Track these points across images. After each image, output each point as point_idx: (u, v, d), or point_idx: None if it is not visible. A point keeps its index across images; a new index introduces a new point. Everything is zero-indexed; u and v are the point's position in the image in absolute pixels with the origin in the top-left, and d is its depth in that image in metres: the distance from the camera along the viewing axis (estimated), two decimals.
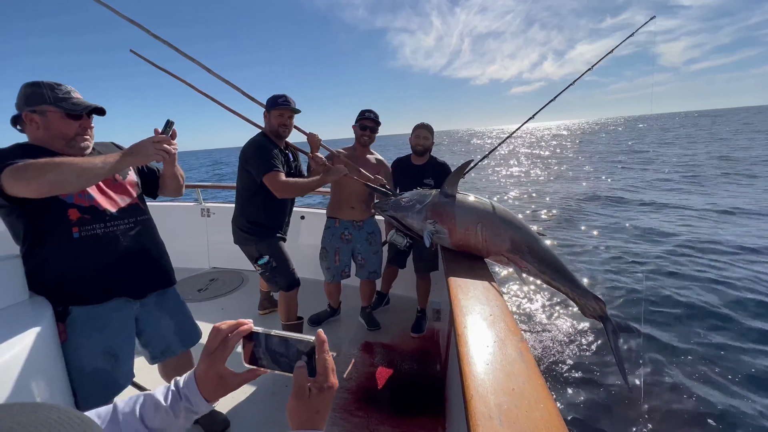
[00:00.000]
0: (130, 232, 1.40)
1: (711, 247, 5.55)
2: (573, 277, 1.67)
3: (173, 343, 1.60)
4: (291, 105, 2.19)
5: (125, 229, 1.39)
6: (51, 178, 1.09)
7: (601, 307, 1.60)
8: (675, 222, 7.20)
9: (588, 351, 3.23)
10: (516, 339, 1.13)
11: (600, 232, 6.99)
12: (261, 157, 2.08)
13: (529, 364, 1.00)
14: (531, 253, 1.68)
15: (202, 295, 3.34)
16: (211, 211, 3.91)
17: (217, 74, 2.21)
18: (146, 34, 2.09)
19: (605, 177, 13.69)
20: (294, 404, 0.58)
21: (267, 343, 0.63)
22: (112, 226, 1.35)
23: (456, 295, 1.42)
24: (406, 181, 2.66)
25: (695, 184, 10.97)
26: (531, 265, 1.67)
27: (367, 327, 2.85)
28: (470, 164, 2.14)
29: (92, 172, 1.16)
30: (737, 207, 7.80)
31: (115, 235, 1.36)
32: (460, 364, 1.02)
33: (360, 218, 2.68)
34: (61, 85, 1.26)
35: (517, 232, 1.73)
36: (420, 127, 2.67)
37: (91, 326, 1.31)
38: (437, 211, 1.83)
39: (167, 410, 0.62)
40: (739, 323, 3.54)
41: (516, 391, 0.88)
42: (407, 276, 3.02)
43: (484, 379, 0.93)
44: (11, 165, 1.09)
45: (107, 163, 1.18)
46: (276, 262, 2.26)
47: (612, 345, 1.59)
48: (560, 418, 0.80)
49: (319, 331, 0.62)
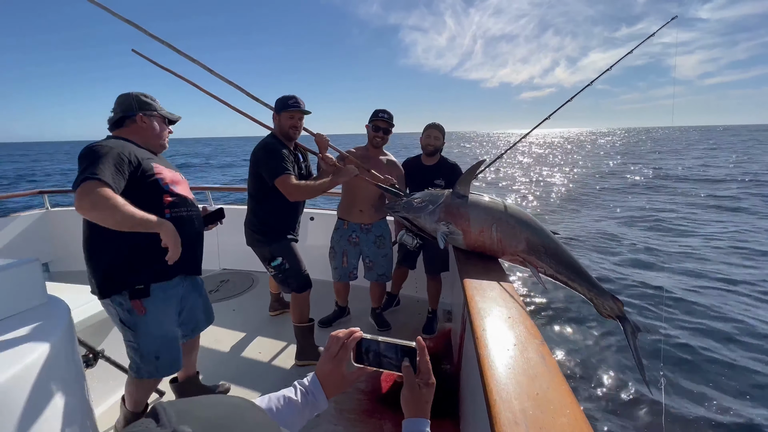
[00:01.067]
0: (197, 218, 1.68)
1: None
2: (590, 277, 1.63)
3: (201, 321, 1.81)
4: (301, 107, 2.18)
5: (195, 215, 1.66)
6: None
7: (619, 306, 1.57)
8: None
9: (607, 352, 3.17)
10: (537, 342, 1.11)
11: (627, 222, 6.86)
12: (273, 161, 2.08)
13: (552, 367, 0.98)
14: (547, 253, 1.65)
15: (214, 296, 3.36)
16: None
17: (224, 77, 2.21)
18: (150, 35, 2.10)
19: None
20: (408, 396, 0.71)
21: (373, 346, 0.75)
22: (189, 211, 1.61)
23: (473, 296, 1.39)
24: (416, 181, 2.65)
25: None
26: (547, 265, 1.65)
27: (377, 328, 2.84)
28: (482, 164, 2.12)
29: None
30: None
31: (191, 219, 1.62)
32: (480, 367, 1.00)
33: (368, 221, 2.66)
34: (155, 99, 1.64)
35: (533, 232, 1.70)
36: (431, 127, 2.65)
37: (167, 299, 1.55)
38: (451, 211, 1.81)
39: (298, 406, 0.71)
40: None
41: (540, 396, 0.86)
42: (418, 277, 3.01)
43: (506, 383, 0.91)
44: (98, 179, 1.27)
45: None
46: (288, 263, 2.26)
47: (631, 346, 1.55)
48: (587, 424, 0.78)
49: (418, 338, 0.73)
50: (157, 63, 2.30)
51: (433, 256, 2.71)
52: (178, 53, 2.23)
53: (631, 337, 1.56)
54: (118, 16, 2.06)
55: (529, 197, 11.88)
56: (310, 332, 2.41)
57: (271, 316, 3.00)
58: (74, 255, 3.95)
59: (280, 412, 0.69)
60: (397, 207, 2.02)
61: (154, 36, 2.15)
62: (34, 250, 3.93)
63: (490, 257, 1.77)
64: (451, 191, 1.92)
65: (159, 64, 2.28)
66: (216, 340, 2.67)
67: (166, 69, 2.25)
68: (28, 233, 3.90)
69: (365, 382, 2.22)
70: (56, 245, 4.05)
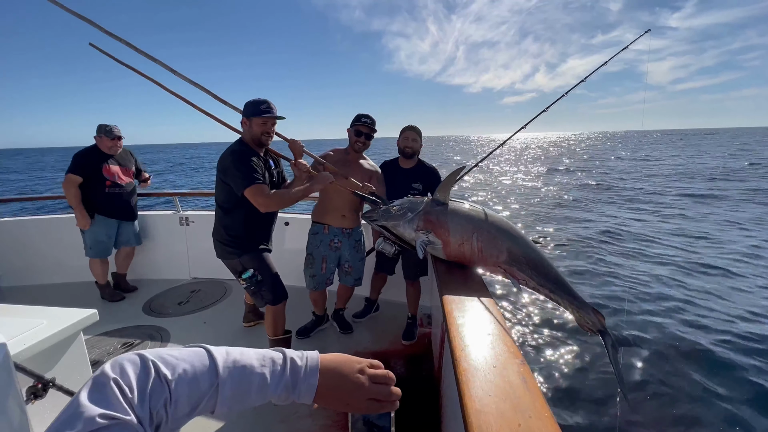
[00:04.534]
0: (125, 193, 3.21)
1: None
2: (571, 290, 1.61)
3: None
4: (274, 112, 2.07)
5: (125, 192, 3.13)
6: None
7: (600, 320, 1.55)
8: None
9: (588, 367, 3.13)
10: (517, 362, 1.07)
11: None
12: (241, 170, 1.96)
13: (534, 392, 0.95)
14: (529, 264, 1.62)
15: (183, 308, 3.19)
16: (191, 219, 3.75)
17: (186, 77, 2.09)
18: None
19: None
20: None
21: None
22: (120, 190, 3.11)
23: (451, 312, 1.35)
24: (394, 184, 2.59)
25: None
26: (529, 277, 1.61)
27: (339, 330, 2.81)
28: (463, 170, 2.08)
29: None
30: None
31: (120, 194, 3.19)
32: (460, 395, 0.95)
33: (350, 226, 2.59)
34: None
35: (515, 242, 1.67)
36: (408, 129, 2.59)
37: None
38: (430, 220, 1.75)
39: (254, 383, 0.51)
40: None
41: (523, 427, 0.82)
42: (396, 281, 2.96)
43: (488, 413, 0.86)
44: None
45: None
46: (261, 275, 2.15)
47: (611, 360, 1.53)
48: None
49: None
50: (117, 59, 2.14)
51: (411, 261, 2.66)
52: (137, 51, 2.08)
53: (611, 351, 1.54)
54: (75, 13, 1.90)
55: (508, 201, 12.09)
56: (288, 345, 2.31)
57: (245, 327, 2.87)
58: (26, 268, 3.70)
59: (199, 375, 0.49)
60: (375, 215, 1.95)
61: (111, 33, 2.00)
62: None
63: (470, 268, 1.73)
64: (430, 198, 1.86)
65: (119, 60, 2.13)
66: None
67: (126, 65, 2.11)
68: None
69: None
70: (5, 258, 3.75)
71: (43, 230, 3.67)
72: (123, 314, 3.07)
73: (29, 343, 1.60)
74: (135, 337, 2.76)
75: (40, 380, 1.53)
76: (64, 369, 1.80)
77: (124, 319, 3.00)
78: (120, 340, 2.72)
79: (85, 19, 1.95)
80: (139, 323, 2.94)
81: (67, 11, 1.98)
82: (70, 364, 1.86)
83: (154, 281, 3.72)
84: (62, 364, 1.79)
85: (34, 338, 1.65)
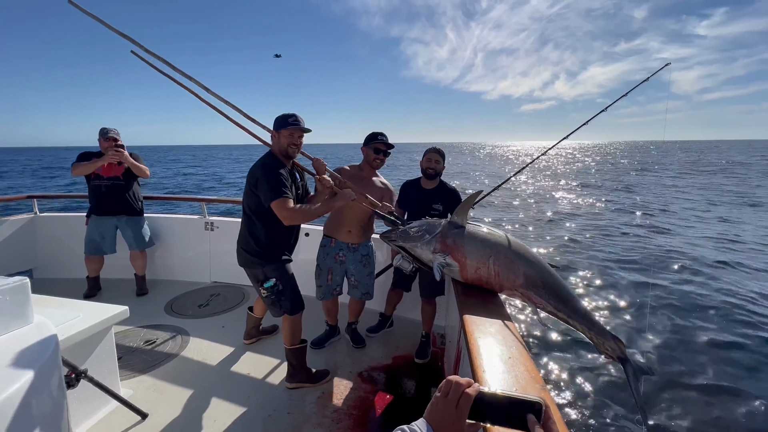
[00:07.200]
0: (113, 187, 3.47)
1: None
2: (590, 315, 1.61)
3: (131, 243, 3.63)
4: (301, 124, 2.17)
5: (112, 186, 3.44)
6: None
7: (620, 347, 1.52)
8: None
9: (610, 393, 3.06)
10: (538, 387, 1.08)
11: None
12: (271, 182, 2.05)
13: (556, 420, 0.96)
14: (546, 288, 1.63)
15: (203, 311, 3.30)
16: (215, 225, 3.90)
17: (222, 97, 2.20)
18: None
19: None
20: None
21: (490, 399, 0.65)
22: (107, 184, 3.44)
23: (472, 333, 1.37)
24: (415, 204, 2.64)
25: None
26: (546, 301, 1.62)
27: (352, 344, 2.83)
28: (480, 194, 2.12)
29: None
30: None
31: (107, 186, 3.42)
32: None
33: (356, 241, 2.66)
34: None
35: (531, 266, 1.68)
36: (432, 151, 2.66)
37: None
38: (447, 243, 1.79)
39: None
40: None
41: None
42: (412, 299, 2.98)
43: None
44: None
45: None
46: (282, 285, 2.22)
47: (633, 389, 1.48)
48: None
49: (542, 397, 0.65)
50: (157, 68, 2.27)
51: (429, 280, 2.69)
52: (175, 70, 2.22)
53: (633, 379, 1.49)
54: (116, 31, 2.06)
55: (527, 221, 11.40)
56: (303, 354, 2.36)
57: (246, 344, 2.80)
58: (60, 262, 3.91)
59: None
60: (394, 236, 2.00)
61: (150, 51, 2.15)
62: (20, 255, 3.86)
63: (489, 291, 1.75)
64: (448, 221, 1.91)
65: (159, 69, 2.26)
66: (204, 357, 2.61)
67: (166, 75, 2.23)
68: (15, 238, 3.84)
69: (356, 405, 2.17)
70: (42, 251, 3.98)
71: (75, 227, 3.83)
72: (146, 312, 3.21)
73: (67, 334, 1.72)
74: (156, 335, 2.88)
75: (74, 370, 1.63)
76: (95, 361, 1.90)
77: (148, 317, 3.13)
78: (143, 337, 2.84)
79: (129, 39, 2.09)
80: (161, 322, 3.07)
81: (115, 32, 2.12)
82: (101, 356, 1.96)
83: (177, 282, 3.87)
84: (94, 357, 1.90)
85: (72, 330, 1.77)
